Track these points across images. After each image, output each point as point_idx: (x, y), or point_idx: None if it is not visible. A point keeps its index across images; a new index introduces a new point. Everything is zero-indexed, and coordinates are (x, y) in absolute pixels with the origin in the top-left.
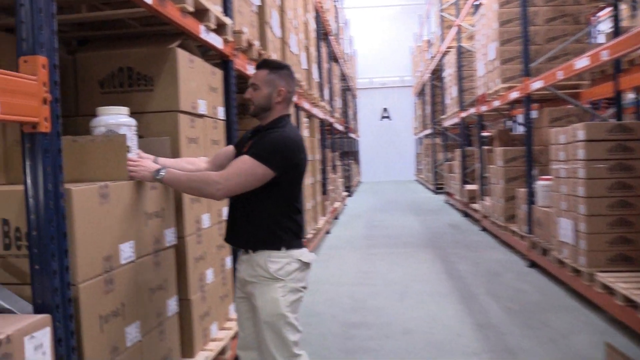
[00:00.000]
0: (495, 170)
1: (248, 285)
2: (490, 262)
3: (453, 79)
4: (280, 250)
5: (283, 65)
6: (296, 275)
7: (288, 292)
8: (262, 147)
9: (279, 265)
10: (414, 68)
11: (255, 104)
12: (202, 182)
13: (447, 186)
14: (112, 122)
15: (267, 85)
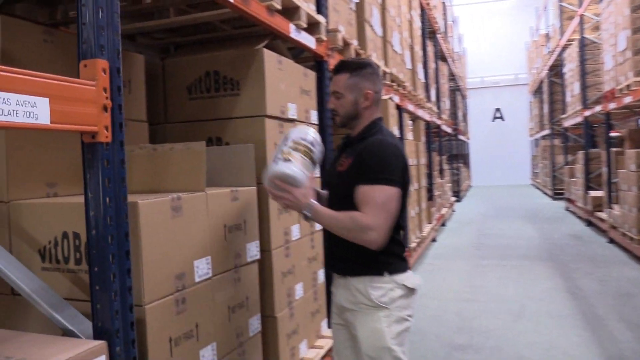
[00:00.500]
0: (626, 176)
1: (346, 313)
2: (621, 281)
3: (575, 75)
4: (383, 276)
5: (364, 64)
6: (401, 302)
7: (393, 322)
8: (380, 168)
9: (382, 291)
10: (529, 65)
11: (341, 114)
12: (352, 229)
13: (567, 192)
14: (315, 137)
15: (350, 90)
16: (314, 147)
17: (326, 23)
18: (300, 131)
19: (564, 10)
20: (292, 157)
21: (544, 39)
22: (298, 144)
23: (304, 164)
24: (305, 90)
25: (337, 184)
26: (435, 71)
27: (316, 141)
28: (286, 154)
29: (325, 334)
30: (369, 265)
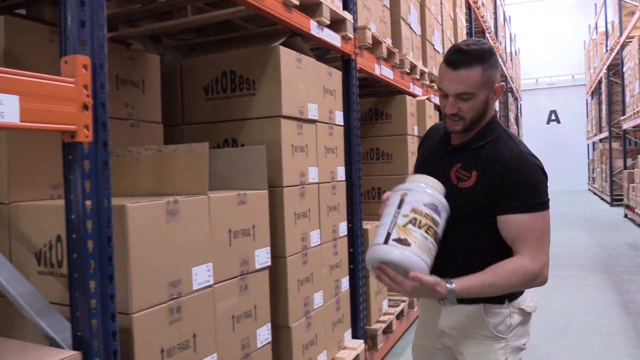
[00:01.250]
0: None
1: (449, 339)
2: None
3: (635, 73)
4: (503, 304)
5: (492, 49)
6: (518, 330)
7: (510, 354)
8: (536, 191)
9: (499, 318)
10: (587, 64)
11: (469, 118)
12: (524, 281)
13: (626, 198)
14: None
15: (484, 87)
16: (440, 216)
17: (353, 20)
18: (421, 190)
19: (624, 5)
20: (410, 236)
21: (602, 37)
22: (419, 213)
23: (425, 247)
24: (329, 90)
25: (457, 204)
26: None
27: (443, 206)
28: (402, 230)
29: (349, 345)
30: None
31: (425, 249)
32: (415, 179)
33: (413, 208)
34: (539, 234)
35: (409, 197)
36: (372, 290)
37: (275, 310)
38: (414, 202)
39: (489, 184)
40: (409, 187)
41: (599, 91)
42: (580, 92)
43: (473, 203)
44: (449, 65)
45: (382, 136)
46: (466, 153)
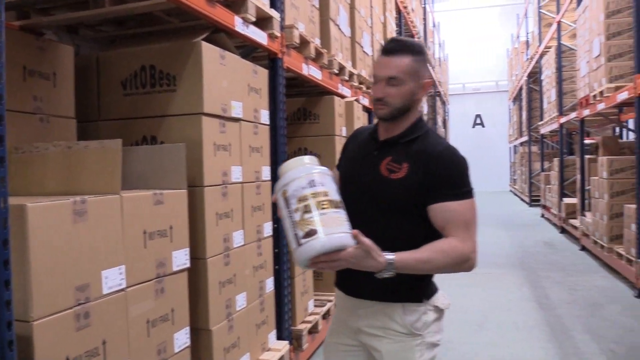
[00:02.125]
0: (598, 183)
1: (367, 337)
2: (590, 290)
3: (552, 81)
4: (421, 302)
5: (424, 47)
6: (434, 327)
7: (426, 350)
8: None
9: (416, 315)
10: (510, 71)
11: (394, 105)
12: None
13: (543, 199)
14: (313, 170)
15: (412, 77)
16: (325, 185)
17: (281, 18)
18: (295, 177)
19: (543, 17)
20: (312, 224)
21: (523, 46)
22: (304, 199)
23: (329, 220)
24: (254, 89)
25: (389, 194)
26: None
27: (320, 174)
28: (301, 224)
29: (274, 346)
30: (407, 290)
31: (332, 222)
32: (282, 171)
33: (298, 198)
34: (468, 220)
35: (289, 192)
36: (297, 290)
37: (196, 313)
38: (295, 193)
39: (421, 175)
40: (283, 182)
41: (520, 97)
42: (503, 97)
43: (404, 193)
44: (383, 52)
45: (310, 136)
46: (397, 147)
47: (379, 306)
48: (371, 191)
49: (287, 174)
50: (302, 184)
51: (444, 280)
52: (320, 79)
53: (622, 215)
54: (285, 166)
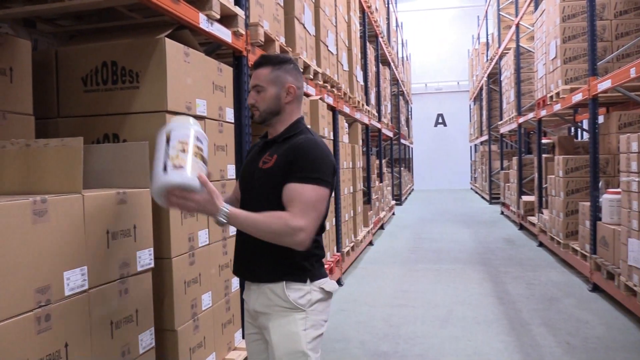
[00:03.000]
0: (555, 181)
1: (260, 317)
2: (547, 284)
3: (511, 82)
4: (305, 283)
5: (286, 59)
6: (318, 306)
7: (310, 326)
8: (312, 167)
9: (301, 293)
10: (471, 72)
11: (262, 109)
12: (281, 230)
13: (502, 196)
14: (201, 131)
15: (272, 84)
16: (202, 143)
17: (245, 16)
18: (182, 126)
19: (502, 19)
20: (183, 161)
21: (484, 47)
22: (185, 143)
23: (197, 168)
24: (219, 86)
25: (260, 182)
26: (376, 75)
27: (202, 135)
28: (175, 158)
29: (239, 345)
30: (288, 273)
31: (198, 170)
32: (173, 120)
33: (179, 141)
34: (306, 201)
35: (172, 134)
36: None
37: (161, 313)
38: (178, 136)
39: (283, 164)
40: (171, 127)
41: (480, 97)
42: (464, 97)
43: (268, 180)
44: (253, 66)
45: None
46: (275, 145)
47: (267, 286)
48: (250, 181)
49: (177, 123)
50: (188, 133)
51: (414, 278)
52: None
53: (577, 213)
54: (177, 118)
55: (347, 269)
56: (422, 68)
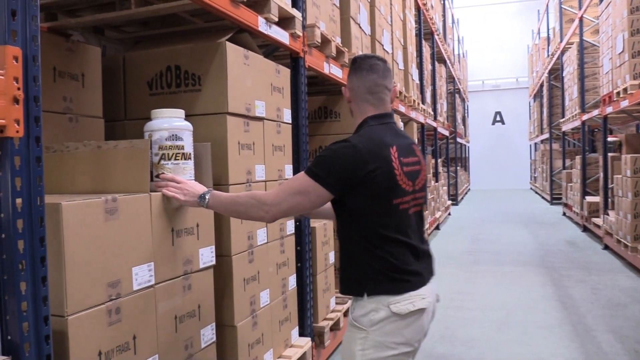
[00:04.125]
0: (622, 181)
1: None
2: (613, 290)
3: (574, 78)
4: (362, 297)
5: (354, 59)
6: (385, 325)
7: (370, 347)
8: (315, 162)
9: (362, 310)
10: (530, 68)
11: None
12: (249, 204)
13: (564, 197)
14: (178, 124)
15: (347, 88)
16: (182, 139)
17: (302, 18)
18: (159, 126)
19: (564, 12)
20: (165, 169)
21: (544, 42)
22: (164, 148)
23: (179, 170)
24: (277, 88)
25: None
26: (431, 73)
27: (180, 128)
28: (157, 166)
29: (296, 343)
30: (350, 286)
31: (180, 171)
32: (153, 115)
33: (159, 146)
34: (287, 183)
35: (153, 137)
36: (319, 288)
37: (221, 309)
38: (158, 141)
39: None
40: (151, 128)
41: (540, 94)
42: (523, 94)
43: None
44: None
45: (331, 134)
46: None
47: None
48: None
49: (156, 121)
50: (165, 135)
51: (472, 280)
52: (341, 77)
53: None
54: (156, 113)
55: None
56: (479, 65)
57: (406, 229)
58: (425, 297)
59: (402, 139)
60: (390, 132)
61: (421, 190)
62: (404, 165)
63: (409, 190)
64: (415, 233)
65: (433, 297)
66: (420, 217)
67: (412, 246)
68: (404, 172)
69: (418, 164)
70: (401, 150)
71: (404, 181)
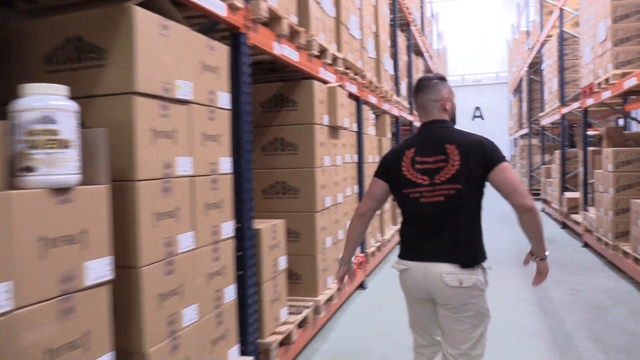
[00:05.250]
0: (603, 176)
1: None
2: (594, 291)
3: (553, 70)
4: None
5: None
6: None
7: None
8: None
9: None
10: (510, 63)
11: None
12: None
13: (543, 192)
14: (54, 104)
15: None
16: (57, 122)
17: None
18: (27, 103)
19: (544, 5)
20: (34, 160)
21: (524, 36)
22: (34, 133)
23: (55, 159)
24: (210, 67)
25: None
26: (407, 65)
27: (61, 109)
28: (24, 157)
29: None
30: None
31: (55, 162)
32: (22, 92)
33: (29, 131)
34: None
35: (21, 120)
36: (266, 298)
37: (127, 333)
38: (25, 124)
39: None
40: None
41: (520, 89)
42: (503, 90)
43: None
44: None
45: (288, 125)
46: None
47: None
48: None
49: (25, 100)
50: (35, 117)
51: None
52: (297, 60)
53: (628, 211)
54: (26, 88)
55: (373, 270)
56: (459, 60)
57: (409, 210)
58: (409, 267)
59: (430, 141)
60: (424, 135)
61: (446, 183)
62: (416, 163)
63: (423, 184)
64: (431, 218)
65: (425, 270)
66: (445, 206)
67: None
68: (416, 169)
69: (443, 161)
70: (421, 150)
71: (414, 176)
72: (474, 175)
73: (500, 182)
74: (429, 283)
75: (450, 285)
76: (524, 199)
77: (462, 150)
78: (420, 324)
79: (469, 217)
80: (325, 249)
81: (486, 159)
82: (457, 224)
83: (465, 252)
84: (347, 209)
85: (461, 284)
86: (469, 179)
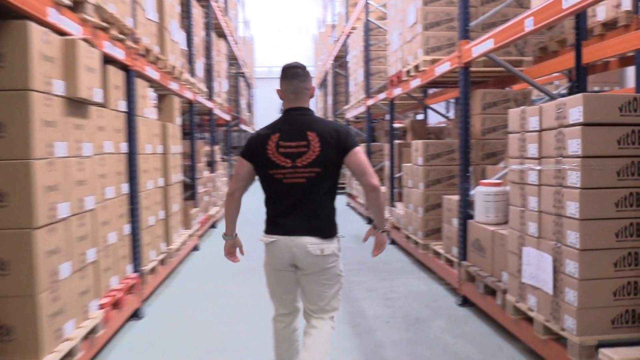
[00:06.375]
0: (412, 170)
1: None
2: (409, 298)
3: (359, 61)
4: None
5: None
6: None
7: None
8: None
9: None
10: (316, 57)
11: None
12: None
13: (348, 186)
14: None
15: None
16: None
17: None
18: None
19: None
20: None
21: (330, 30)
22: None
23: None
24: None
25: None
26: (205, 43)
27: None
28: None
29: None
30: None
31: None
32: None
33: None
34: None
35: None
36: None
37: None
38: None
39: None
40: None
41: (325, 83)
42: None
43: None
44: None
45: None
46: None
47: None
48: None
49: None
50: None
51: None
52: None
53: (439, 207)
54: None
55: (155, 289)
56: (267, 51)
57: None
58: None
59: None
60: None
61: (307, 167)
62: (280, 147)
63: (286, 166)
64: (294, 197)
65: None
66: (306, 187)
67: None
68: (280, 152)
69: (304, 147)
70: (285, 136)
71: (278, 159)
72: (332, 160)
73: (352, 164)
74: (294, 253)
75: (314, 254)
76: (372, 179)
77: (322, 137)
78: (282, 292)
79: (327, 197)
80: (58, 282)
81: (342, 144)
82: (316, 203)
83: (325, 226)
84: (108, 217)
85: (322, 252)
86: (327, 164)
